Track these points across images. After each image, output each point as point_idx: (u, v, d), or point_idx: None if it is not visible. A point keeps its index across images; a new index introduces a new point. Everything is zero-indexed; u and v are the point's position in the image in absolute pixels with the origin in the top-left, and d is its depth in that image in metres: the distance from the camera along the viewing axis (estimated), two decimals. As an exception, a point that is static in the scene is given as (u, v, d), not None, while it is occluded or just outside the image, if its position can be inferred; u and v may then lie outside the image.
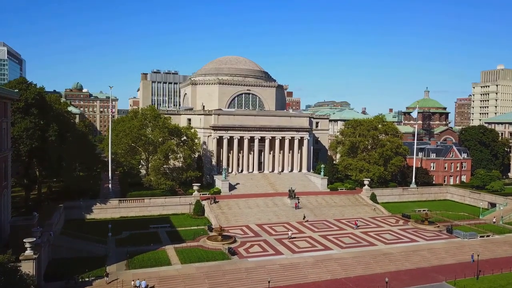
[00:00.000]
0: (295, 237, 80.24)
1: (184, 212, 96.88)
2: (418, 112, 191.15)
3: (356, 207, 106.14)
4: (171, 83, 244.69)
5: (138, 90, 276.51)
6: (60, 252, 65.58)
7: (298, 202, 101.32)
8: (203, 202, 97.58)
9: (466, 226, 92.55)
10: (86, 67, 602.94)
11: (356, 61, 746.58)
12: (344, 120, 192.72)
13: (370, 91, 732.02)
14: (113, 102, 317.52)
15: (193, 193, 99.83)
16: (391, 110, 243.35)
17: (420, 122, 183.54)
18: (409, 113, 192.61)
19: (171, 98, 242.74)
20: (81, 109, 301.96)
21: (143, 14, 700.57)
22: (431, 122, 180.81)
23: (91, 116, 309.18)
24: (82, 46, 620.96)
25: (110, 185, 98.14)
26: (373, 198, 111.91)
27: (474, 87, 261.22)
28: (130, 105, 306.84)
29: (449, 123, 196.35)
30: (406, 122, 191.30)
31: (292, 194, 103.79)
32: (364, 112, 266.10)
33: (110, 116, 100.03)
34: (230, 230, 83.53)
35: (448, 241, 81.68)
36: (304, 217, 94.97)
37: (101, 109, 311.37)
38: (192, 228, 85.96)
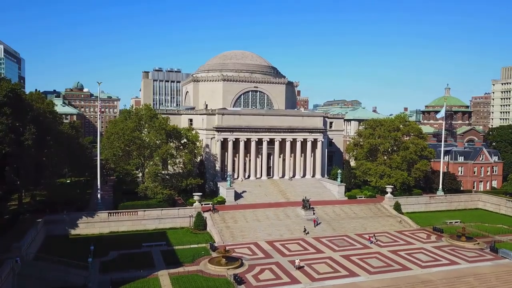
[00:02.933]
0: (307, 262, 67.41)
1: (184, 226, 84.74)
2: (438, 111, 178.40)
3: (379, 218, 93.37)
4: (173, 81, 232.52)
5: (141, 90, 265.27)
6: (29, 283, 53.62)
7: (317, 218, 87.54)
8: (205, 214, 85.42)
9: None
10: (88, 66, 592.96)
11: (364, 60, 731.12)
12: (358, 120, 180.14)
13: (380, 90, 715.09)
14: (115, 102, 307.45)
15: (194, 204, 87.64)
16: (406, 109, 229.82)
17: (441, 121, 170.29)
18: (428, 112, 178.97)
19: (173, 98, 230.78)
20: (82, 109, 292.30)
21: (147, 10, 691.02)
22: (453, 122, 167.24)
23: (92, 116, 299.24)
24: (84, 45, 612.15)
25: (99, 195, 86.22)
26: (397, 207, 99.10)
27: (494, 84, 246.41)
28: (132, 105, 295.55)
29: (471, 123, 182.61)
30: (425, 121, 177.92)
31: (306, 205, 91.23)
32: (374, 111, 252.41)
33: (99, 117, 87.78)
34: (236, 249, 71.21)
35: (495, 264, 68.69)
36: (305, 229, 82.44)
37: (103, 109, 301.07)
38: (191, 246, 73.85)
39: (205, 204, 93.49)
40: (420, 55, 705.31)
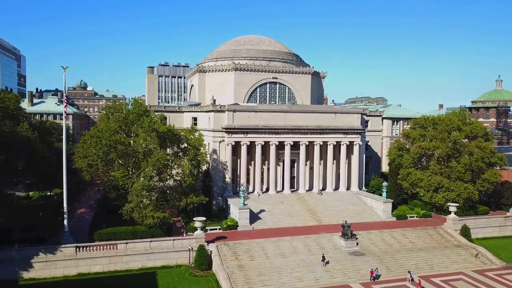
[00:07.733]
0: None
1: (181, 263, 61.73)
2: (490, 107, 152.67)
3: (445, 250, 68.86)
4: (181, 77, 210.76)
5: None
6: None
7: (376, 269, 58.98)
8: (210, 247, 62.38)
9: None
10: (94, 65, 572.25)
11: (381, 57, 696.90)
12: (391, 119, 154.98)
13: (401, 87, 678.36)
14: (120, 101, 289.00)
15: (195, 232, 64.59)
16: (441, 106, 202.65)
17: (493, 119, 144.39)
18: (477, 108, 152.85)
19: (181, 95, 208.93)
20: (85, 109, 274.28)
21: (152, 4, 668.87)
22: (508, 120, 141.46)
23: (96, 116, 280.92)
24: (90, 43, 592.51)
25: (65, 221, 63.51)
26: (465, 233, 74.68)
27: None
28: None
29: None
30: (473, 119, 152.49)
31: (347, 232, 67.47)
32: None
33: (64, 118, 65.10)
34: (253, 308, 48.11)
35: None
36: (324, 258, 60.31)
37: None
38: (189, 300, 50.97)
39: (211, 230, 70.95)
40: (447, 48, 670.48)
